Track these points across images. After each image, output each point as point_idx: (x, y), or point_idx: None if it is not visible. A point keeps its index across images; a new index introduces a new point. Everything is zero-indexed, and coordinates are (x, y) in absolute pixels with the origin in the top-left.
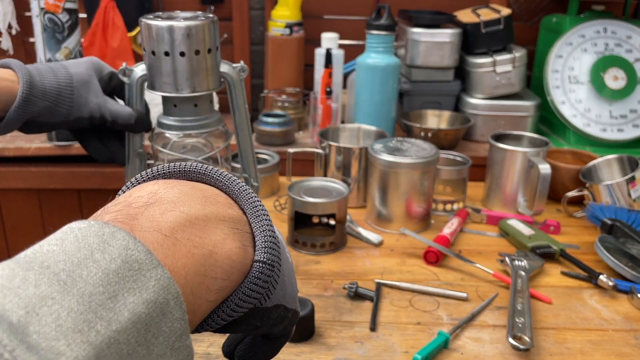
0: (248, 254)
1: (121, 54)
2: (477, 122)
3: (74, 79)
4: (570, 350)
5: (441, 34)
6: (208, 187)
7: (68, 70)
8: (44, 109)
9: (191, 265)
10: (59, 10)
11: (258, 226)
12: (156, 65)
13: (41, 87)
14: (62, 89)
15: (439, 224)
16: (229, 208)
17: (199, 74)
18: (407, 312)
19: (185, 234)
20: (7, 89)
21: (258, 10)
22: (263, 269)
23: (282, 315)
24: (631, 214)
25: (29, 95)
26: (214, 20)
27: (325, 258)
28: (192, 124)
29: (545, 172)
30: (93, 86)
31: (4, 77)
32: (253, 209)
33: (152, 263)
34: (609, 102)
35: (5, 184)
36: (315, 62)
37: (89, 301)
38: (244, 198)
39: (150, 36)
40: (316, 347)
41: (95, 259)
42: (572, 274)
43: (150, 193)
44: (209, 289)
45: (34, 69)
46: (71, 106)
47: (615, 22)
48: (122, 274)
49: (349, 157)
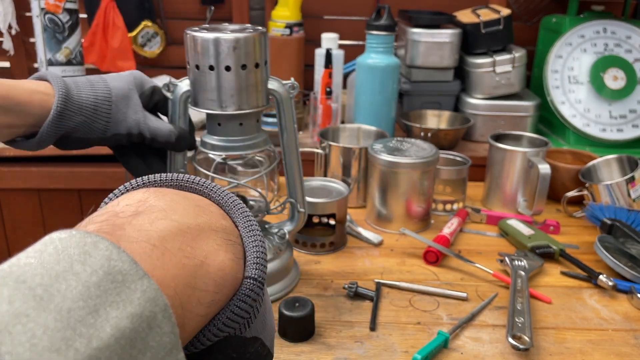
0: (240, 267)
1: (121, 55)
2: (476, 122)
3: (112, 94)
4: (570, 350)
5: (441, 34)
6: (200, 197)
7: (107, 84)
8: (80, 124)
9: (182, 276)
10: (59, 10)
11: (250, 240)
12: (200, 80)
13: (77, 101)
14: (99, 103)
15: (439, 224)
16: (222, 219)
17: (246, 91)
18: (407, 312)
19: (175, 243)
20: (41, 103)
21: (258, 11)
22: (254, 286)
23: (259, 352)
24: (631, 214)
25: (64, 109)
26: (263, 33)
27: (325, 258)
28: (237, 145)
29: (545, 172)
30: (133, 101)
31: (38, 89)
32: (246, 222)
33: (137, 274)
34: (609, 102)
35: (6, 184)
36: (315, 63)
37: (67, 317)
38: (237, 211)
39: (195, 49)
40: (316, 347)
41: (75, 271)
42: (572, 273)
43: (139, 201)
44: (199, 302)
45: (71, 82)
46: (108, 122)
47: (614, 23)
48: (104, 287)
49: (349, 157)
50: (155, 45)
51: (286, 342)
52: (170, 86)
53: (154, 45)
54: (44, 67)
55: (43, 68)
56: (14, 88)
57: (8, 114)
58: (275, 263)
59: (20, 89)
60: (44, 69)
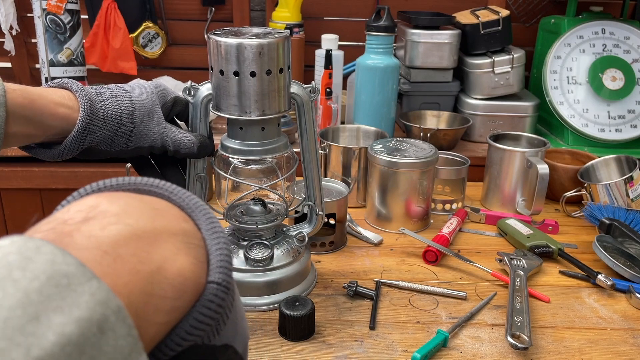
0: (203, 271)
1: (122, 55)
2: (475, 123)
3: (136, 107)
4: (569, 348)
5: (440, 35)
6: (159, 200)
7: (130, 96)
8: (103, 137)
9: (136, 283)
10: (60, 11)
11: (214, 243)
12: (223, 85)
13: (102, 114)
14: (123, 116)
15: (438, 224)
16: (183, 222)
17: (269, 96)
18: (407, 311)
19: (129, 248)
20: (65, 116)
21: (258, 12)
22: (218, 291)
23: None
24: (629, 214)
25: (89, 124)
26: (287, 37)
27: (325, 257)
28: (258, 149)
29: (544, 172)
30: (156, 114)
31: (62, 102)
32: (209, 224)
33: (84, 276)
34: (607, 103)
35: (7, 184)
36: (316, 63)
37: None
38: (199, 213)
39: (219, 54)
40: (316, 346)
41: (13, 278)
42: (571, 273)
43: (90, 207)
44: (157, 309)
45: (95, 93)
46: (131, 136)
47: (613, 23)
48: (46, 292)
49: (348, 157)
50: (157, 46)
51: (286, 341)
52: (192, 90)
53: (155, 46)
54: (46, 68)
55: (44, 69)
56: (39, 98)
57: (29, 124)
58: (294, 266)
59: (45, 100)
60: (45, 69)
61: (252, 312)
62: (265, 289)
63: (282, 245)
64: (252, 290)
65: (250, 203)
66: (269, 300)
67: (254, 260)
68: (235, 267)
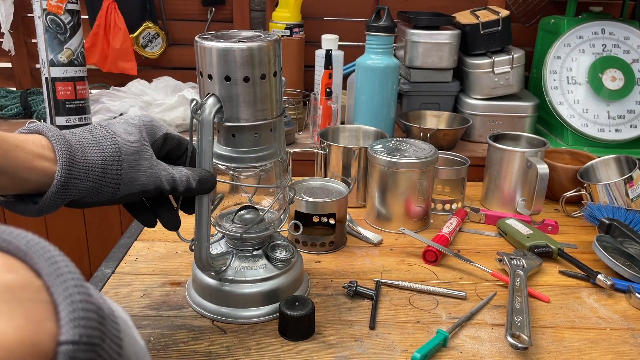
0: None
1: (123, 55)
2: (475, 123)
3: (122, 151)
4: (568, 348)
5: (440, 35)
6: None
7: (115, 139)
8: (86, 189)
9: None
10: (61, 11)
11: (60, 290)
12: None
13: (83, 165)
14: (108, 165)
15: (438, 224)
16: (6, 272)
17: (263, 101)
18: (406, 311)
19: None
20: (43, 170)
21: (259, 12)
22: (76, 352)
23: None
24: (629, 214)
25: (69, 178)
26: (277, 40)
27: (325, 257)
28: (251, 156)
29: (543, 172)
30: (145, 155)
31: (41, 153)
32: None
33: None
34: (607, 103)
35: None
36: (316, 63)
37: None
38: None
39: (209, 59)
40: (316, 346)
41: None
42: (570, 273)
43: None
44: None
45: (75, 140)
46: (119, 184)
47: (613, 23)
48: None
49: (348, 157)
50: (157, 46)
51: (286, 341)
52: (199, 106)
53: (155, 46)
54: (46, 68)
55: (45, 69)
56: (14, 149)
57: (2, 176)
58: (291, 272)
59: (21, 152)
60: (45, 69)
61: (250, 324)
62: (262, 299)
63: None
64: (252, 301)
65: (242, 212)
66: (267, 310)
67: (281, 261)
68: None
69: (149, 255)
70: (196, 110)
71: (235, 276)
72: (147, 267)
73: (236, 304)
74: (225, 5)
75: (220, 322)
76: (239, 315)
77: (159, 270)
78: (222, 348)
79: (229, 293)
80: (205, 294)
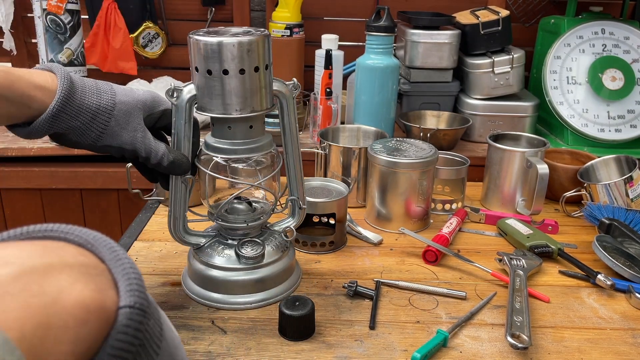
0: (110, 298)
1: (123, 55)
2: (475, 123)
3: (116, 107)
4: (568, 348)
5: (440, 35)
6: (52, 241)
7: (115, 96)
8: (73, 127)
9: (29, 317)
10: (61, 11)
11: (119, 270)
12: (209, 84)
13: (78, 105)
14: (99, 113)
15: (438, 224)
16: (79, 255)
17: (257, 93)
18: (406, 311)
19: (18, 285)
20: (42, 98)
21: (259, 12)
22: (132, 314)
23: None
24: (629, 214)
25: (60, 111)
26: (266, 35)
27: (325, 257)
28: (246, 147)
29: (543, 172)
30: (134, 119)
31: (43, 85)
32: (110, 253)
33: None
34: (607, 103)
35: (7, 184)
36: (316, 63)
37: None
38: (100, 245)
39: (203, 54)
40: (316, 346)
41: None
42: (570, 273)
43: None
44: (58, 341)
45: (79, 83)
46: (103, 132)
47: (613, 23)
48: None
49: (348, 157)
50: (157, 46)
51: (286, 341)
52: (175, 92)
53: (155, 46)
54: None
55: None
56: (19, 80)
57: (11, 105)
58: (279, 264)
59: (24, 82)
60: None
61: (244, 310)
62: (255, 286)
63: (271, 241)
64: (242, 288)
65: (234, 202)
66: (259, 297)
67: (246, 258)
68: (216, 262)
69: (149, 255)
70: (172, 95)
71: (226, 264)
72: (147, 267)
73: (226, 291)
74: (225, 5)
75: (205, 305)
76: (229, 301)
77: (159, 270)
78: (222, 348)
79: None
80: (197, 279)
